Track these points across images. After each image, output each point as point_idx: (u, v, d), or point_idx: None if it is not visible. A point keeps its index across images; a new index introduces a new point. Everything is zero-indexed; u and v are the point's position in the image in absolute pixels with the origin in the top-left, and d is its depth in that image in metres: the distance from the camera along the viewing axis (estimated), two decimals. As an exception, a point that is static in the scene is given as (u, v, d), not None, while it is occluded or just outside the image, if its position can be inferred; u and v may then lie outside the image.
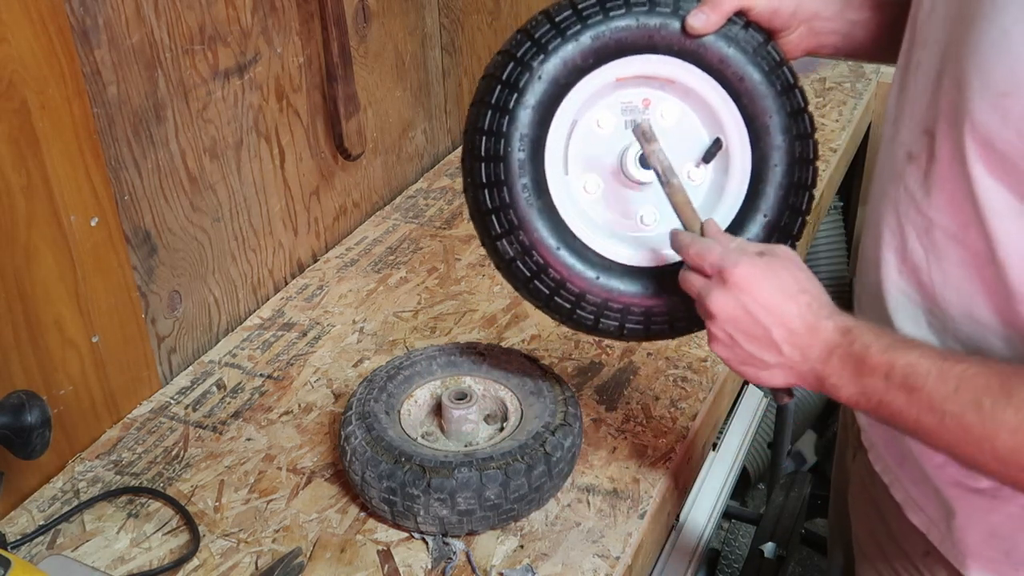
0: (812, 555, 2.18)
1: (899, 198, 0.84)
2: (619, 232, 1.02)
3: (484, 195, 0.96)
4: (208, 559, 1.02)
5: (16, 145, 1.02)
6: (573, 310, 0.99)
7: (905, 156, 0.84)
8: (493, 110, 0.96)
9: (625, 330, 1.00)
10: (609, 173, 1.00)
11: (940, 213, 0.80)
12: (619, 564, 1.00)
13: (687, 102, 0.99)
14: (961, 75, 0.73)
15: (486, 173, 0.96)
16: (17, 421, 0.89)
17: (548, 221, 0.97)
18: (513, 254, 0.97)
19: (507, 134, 0.96)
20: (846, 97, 2.10)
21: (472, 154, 0.98)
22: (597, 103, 0.99)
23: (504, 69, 0.95)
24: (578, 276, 0.98)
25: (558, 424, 1.05)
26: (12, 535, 1.06)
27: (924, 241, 0.82)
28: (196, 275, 1.33)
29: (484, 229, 0.98)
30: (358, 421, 1.05)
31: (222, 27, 1.29)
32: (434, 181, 1.82)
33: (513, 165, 0.96)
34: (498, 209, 0.96)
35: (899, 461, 0.96)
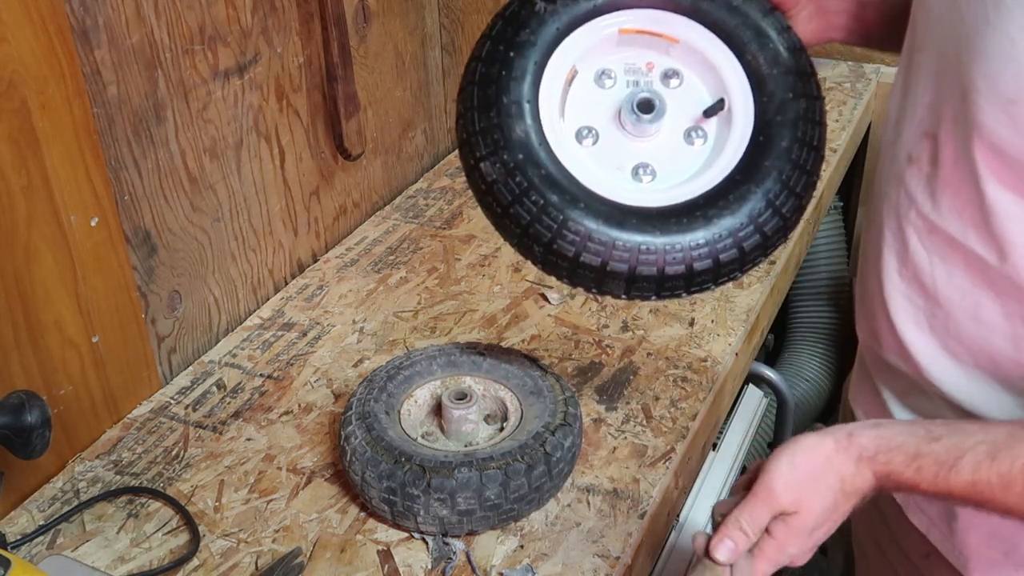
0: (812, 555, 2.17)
1: (900, 200, 0.84)
2: (610, 177, 0.96)
3: (473, 117, 0.95)
4: (208, 559, 1.02)
5: (16, 145, 1.02)
6: (554, 239, 0.91)
7: (906, 158, 0.84)
8: (493, 41, 0.96)
9: (606, 278, 0.92)
10: (607, 123, 0.98)
11: (943, 215, 0.80)
12: (619, 564, 1.00)
13: (691, 65, 0.97)
14: (967, 82, 0.73)
15: (478, 96, 0.95)
16: (17, 421, 0.89)
17: (534, 144, 0.93)
18: (496, 176, 0.92)
19: (504, 61, 0.95)
20: (846, 97, 2.10)
21: (468, 79, 0.97)
22: (601, 57, 0.97)
23: (509, 3, 0.95)
24: (559, 199, 0.90)
25: (558, 424, 1.05)
26: (12, 535, 1.06)
27: (926, 243, 0.82)
28: (196, 275, 1.33)
29: (470, 151, 0.95)
30: (358, 421, 1.05)
31: (222, 27, 1.29)
32: (434, 181, 1.82)
33: (507, 88, 0.94)
34: (485, 130, 0.93)
35: None
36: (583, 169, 0.94)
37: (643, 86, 0.98)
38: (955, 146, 0.76)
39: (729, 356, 1.31)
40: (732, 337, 1.35)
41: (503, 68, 0.95)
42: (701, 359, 1.30)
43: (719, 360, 1.30)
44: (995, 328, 0.79)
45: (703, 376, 1.27)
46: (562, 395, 1.10)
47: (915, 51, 0.84)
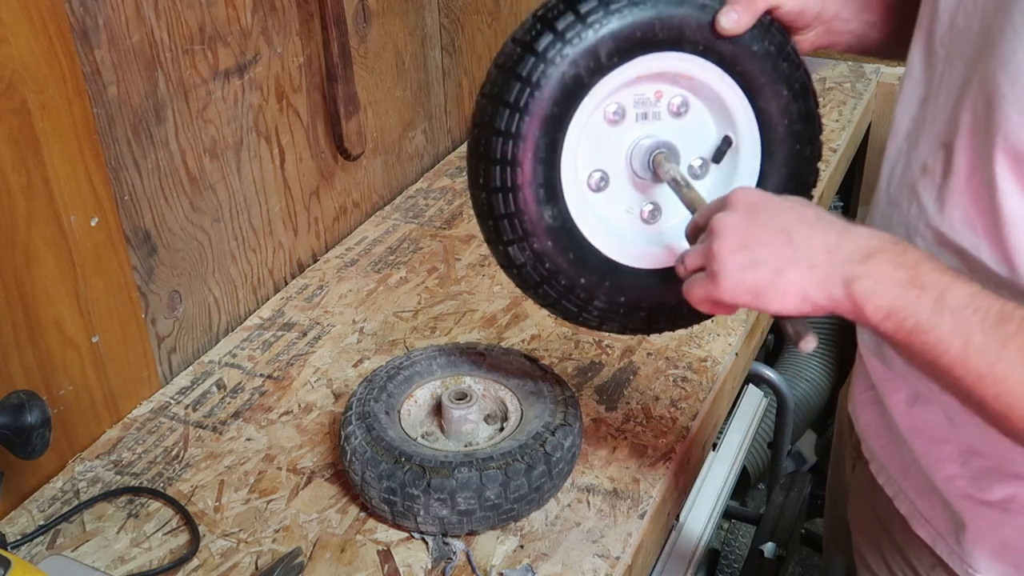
0: (812, 555, 2.18)
1: (911, 211, 0.83)
2: (626, 228, 1.00)
3: (497, 199, 0.93)
4: (208, 559, 1.02)
5: (16, 145, 1.02)
6: (579, 313, 0.99)
7: (921, 168, 0.82)
8: (510, 108, 0.90)
9: (628, 327, 1.00)
10: (618, 168, 0.98)
11: (954, 228, 0.79)
12: (619, 564, 1.00)
13: (699, 96, 0.97)
14: (991, 88, 0.72)
15: (499, 177, 0.92)
16: (17, 421, 0.89)
17: (561, 228, 0.94)
18: (524, 260, 0.95)
19: (523, 136, 0.90)
20: (846, 97, 2.10)
21: (482, 155, 0.93)
22: (610, 97, 0.95)
23: (521, 63, 0.89)
24: (587, 281, 0.96)
25: (558, 424, 1.05)
26: (12, 535, 1.06)
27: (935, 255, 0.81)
28: (196, 275, 1.33)
29: (495, 233, 0.95)
30: (358, 421, 1.05)
31: (222, 27, 1.29)
32: (434, 181, 1.82)
33: (528, 171, 0.92)
34: (511, 215, 0.93)
35: (903, 473, 0.95)
36: (600, 228, 0.97)
37: (651, 118, 0.97)
38: (972, 156, 0.75)
39: (729, 356, 1.31)
40: (732, 337, 1.35)
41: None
42: (701, 359, 1.30)
43: (719, 360, 1.30)
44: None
45: (703, 376, 1.27)
46: (562, 395, 1.10)
47: (935, 62, 0.83)
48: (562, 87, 0.90)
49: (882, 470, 0.98)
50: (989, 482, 0.85)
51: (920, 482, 0.92)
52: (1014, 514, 0.85)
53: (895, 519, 0.97)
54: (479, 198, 0.95)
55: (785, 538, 1.62)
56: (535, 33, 0.89)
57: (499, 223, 0.94)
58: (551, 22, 0.88)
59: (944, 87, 0.81)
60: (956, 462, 0.87)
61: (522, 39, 0.90)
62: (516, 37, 0.91)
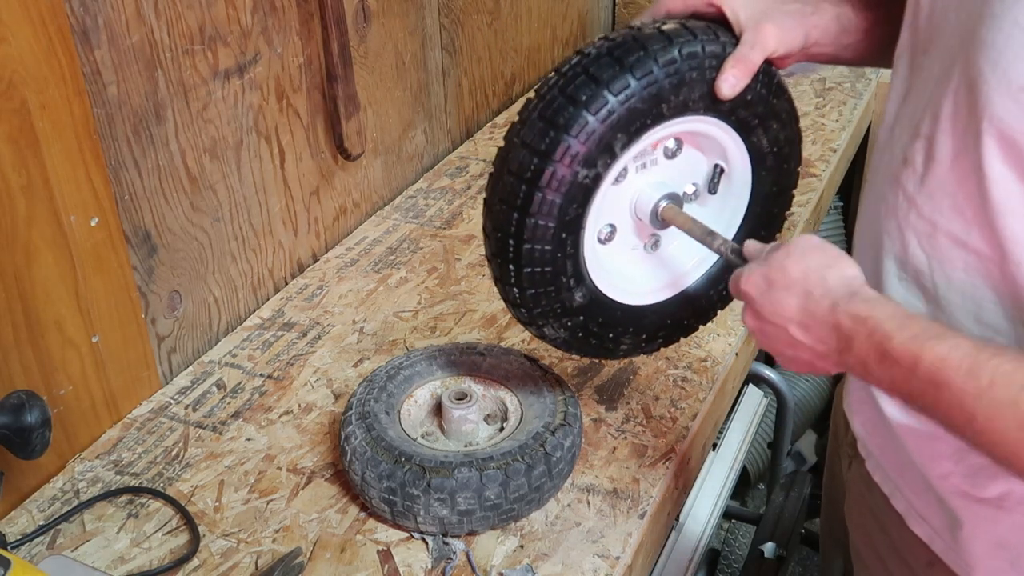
0: (812, 555, 2.18)
1: (898, 203, 0.84)
2: (636, 269, 1.04)
3: (527, 295, 0.94)
4: (208, 559, 1.02)
5: (16, 145, 1.02)
6: (607, 355, 1.07)
7: (901, 160, 0.83)
8: (533, 217, 0.89)
9: (648, 351, 1.09)
10: (624, 218, 1.01)
11: (943, 216, 0.79)
12: (619, 564, 1.00)
13: (693, 139, 1.00)
14: (973, 74, 0.72)
15: (530, 279, 0.93)
16: (17, 421, 0.89)
17: (590, 301, 0.98)
18: (557, 335, 1.00)
19: (551, 240, 0.91)
20: (846, 97, 2.10)
21: (512, 259, 0.92)
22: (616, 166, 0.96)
23: (540, 174, 0.88)
24: (615, 333, 1.03)
25: (558, 424, 1.05)
26: (12, 535, 1.06)
27: (926, 246, 0.82)
28: (196, 275, 1.33)
29: (527, 320, 0.99)
30: (358, 421, 1.05)
31: (222, 27, 1.29)
32: (434, 181, 1.82)
33: (559, 267, 0.93)
34: (545, 308, 0.96)
35: (899, 471, 0.95)
36: (617, 280, 1.01)
37: (649, 166, 0.99)
38: (956, 143, 0.76)
39: (729, 356, 1.31)
40: (732, 337, 1.35)
41: (557, 250, 0.92)
42: (701, 359, 1.30)
43: (719, 360, 1.30)
44: (999, 330, 0.79)
45: (703, 376, 1.27)
46: (562, 395, 1.10)
47: (917, 54, 0.84)
48: (581, 189, 0.89)
49: (878, 468, 0.98)
50: (983, 479, 0.85)
51: (916, 480, 0.92)
52: (1008, 511, 0.85)
53: (891, 517, 0.97)
54: (510, 292, 0.96)
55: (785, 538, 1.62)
56: (549, 140, 0.87)
57: (532, 312, 0.97)
58: (564, 127, 0.87)
59: (923, 78, 0.82)
60: (950, 460, 0.87)
61: (534, 145, 0.88)
62: (527, 142, 0.89)
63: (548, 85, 0.90)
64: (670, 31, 0.89)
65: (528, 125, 0.89)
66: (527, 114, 0.90)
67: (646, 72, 0.86)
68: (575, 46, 2.43)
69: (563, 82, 0.88)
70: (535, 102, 0.90)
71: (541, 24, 2.22)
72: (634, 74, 0.86)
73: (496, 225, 0.92)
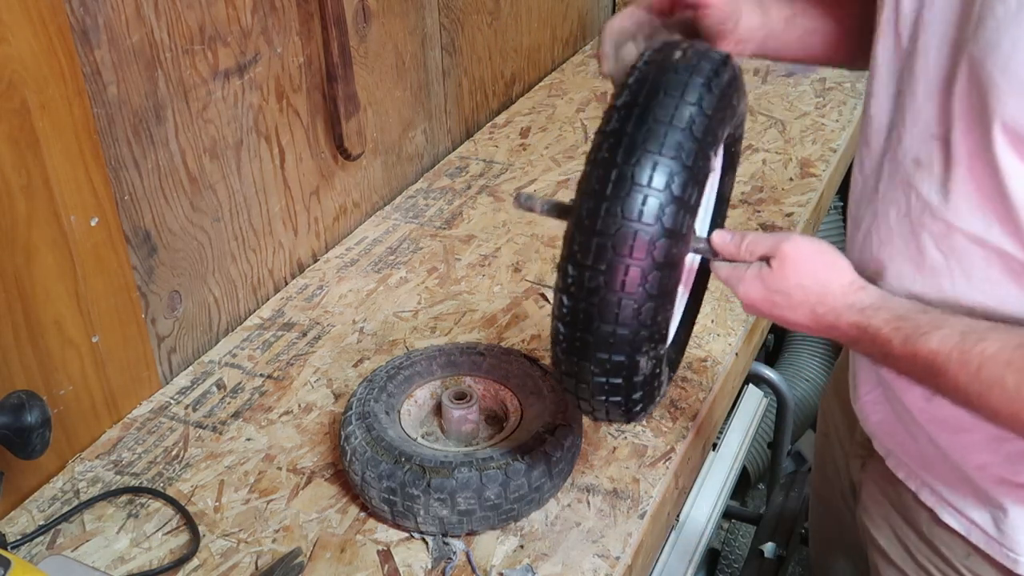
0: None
1: (911, 207, 0.84)
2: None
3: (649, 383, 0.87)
4: (208, 559, 1.02)
5: (16, 145, 1.02)
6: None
7: (913, 163, 0.83)
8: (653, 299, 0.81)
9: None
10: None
11: (961, 216, 0.80)
12: (619, 564, 1.00)
13: None
14: (982, 77, 0.73)
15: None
16: (17, 421, 0.89)
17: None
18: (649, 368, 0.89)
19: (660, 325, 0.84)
20: (846, 97, 2.10)
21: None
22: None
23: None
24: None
25: (558, 424, 1.05)
26: (12, 535, 1.06)
27: (943, 247, 0.82)
28: (196, 275, 1.33)
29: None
30: (358, 421, 1.05)
31: (222, 27, 1.29)
32: (434, 181, 1.82)
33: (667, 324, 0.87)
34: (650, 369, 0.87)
35: (925, 466, 0.95)
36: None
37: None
38: (972, 144, 0.77)
39: (729, 356, 1.31)
40: (732, 337, 1.35)
41: (664, 309, 0.82)
42: (701, 359, 1.30)
43: (719, 360, 1.30)
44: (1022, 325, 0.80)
45: (703, 376, 1.27)
46: (562, 395, 1.10)
47: (907, 56, 0.84)
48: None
49: (901, 465, 0.98)
50: (1021, 465, 0.86)
51: (947, 473, 0.92)
52: None
53: (920, 511, 0.97)
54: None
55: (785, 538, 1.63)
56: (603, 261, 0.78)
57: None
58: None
59: (921, 80, 0.82)
60: (986, 450, 0.88)
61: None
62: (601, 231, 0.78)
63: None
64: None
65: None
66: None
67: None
68: (575, 46, 2.43)
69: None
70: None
71: (541, 24, 2.22)
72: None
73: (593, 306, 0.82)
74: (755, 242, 0.87)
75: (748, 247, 0.87)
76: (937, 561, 0.98)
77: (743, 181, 1.76)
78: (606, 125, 0.79)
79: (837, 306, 0.83)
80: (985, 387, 0.73)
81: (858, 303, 0.82)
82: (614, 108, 0.80)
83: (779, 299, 0.85)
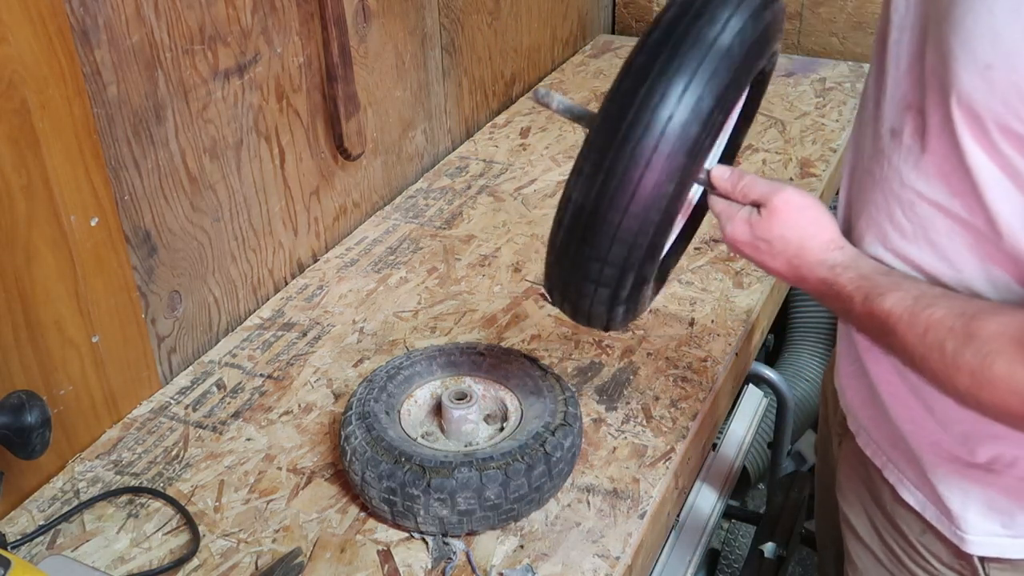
0: (812, 555, 2.18)
1: (885, 175, 0.86)
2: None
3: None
4: (208, 559, 1.02)
5: (16, 145, 1.02)
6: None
7: (889, 132, 0.86)
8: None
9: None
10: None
11: (928, 185, 0.82)
12: (619, 564, 1.00)
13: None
14: (946, 50, 0.75)
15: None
16: (17, 421, 0.89)
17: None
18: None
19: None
20: (846, 97, 2.11)
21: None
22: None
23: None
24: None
25: (558, 424, 1.05)
26: (12, 535, 1.06)
27: (910, 215, 0.84)
28: (196, 275, 1.33)
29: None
30: (358, 421, 1.05)
31: (222, 27, 1.29)
32: (434, 181, 1.82)
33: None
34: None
35: (891, 442, 0.97)
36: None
37: None
38: (938, 116, 0.79)
39: (729, 356, 1.31)
40: (732, 337, 1.35)
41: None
42: (701, 359, 1.30)
43: (719, 360, 1.30)
44: (982, 295, 0.82)
45: (703, 376, 1.27)
46: (562, 395, 1.10)
47: (890, 29, 0.86)
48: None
49: (870, 442, 1.00)
50: (973, 444, 0.88)
51: (906, 450, 0.94)
52: (999, 474, 0.87)
53: (884, 489, 0.99)
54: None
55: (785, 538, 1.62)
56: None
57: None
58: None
59: (902, 54, 0.84)
60: (939, 427, 0.90)
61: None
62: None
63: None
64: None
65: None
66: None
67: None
68: (575, 46, 2.43)
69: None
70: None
71: (541, 24, 2.22)
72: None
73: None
74: (750, 185, 0.90)
75: (743, 188, 0.90)
76: (897, 537, 1.00)
77: (743, 181, 1.76)
78: (648, 37, 0.80)
79: (811, 260, 0.87)
80: (927, 350, 0.76)
81: (830, 260, 0.86)
82: (659, 22, 0.81)
83: (762, 245, 0.89)
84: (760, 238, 0.89)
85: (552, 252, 0.88)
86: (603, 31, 2.60)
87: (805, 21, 2.42)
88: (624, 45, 2.46)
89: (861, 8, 2.34)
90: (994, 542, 0.90)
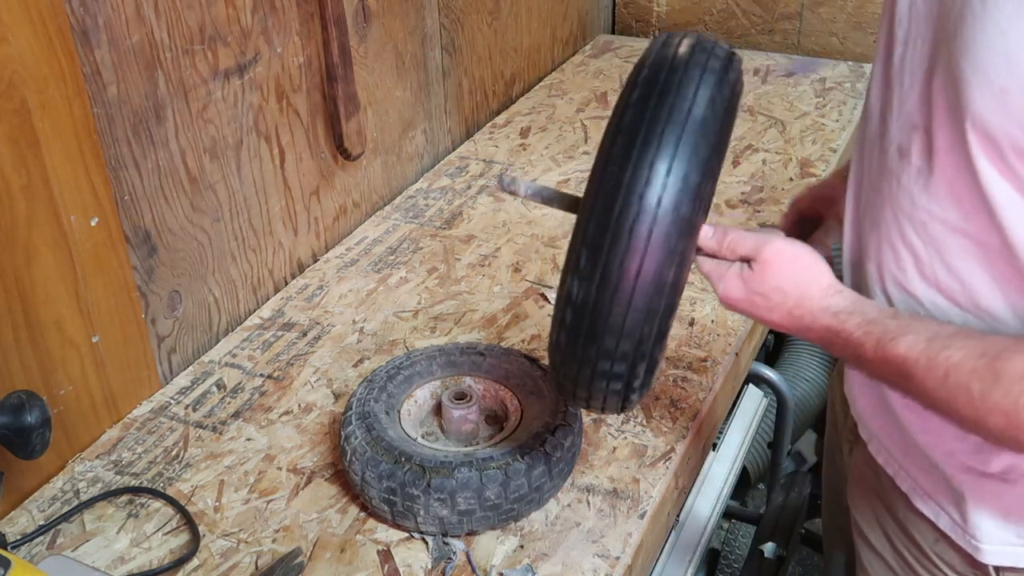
0: (812, 555, 2.18)
1: (895, 194, 0.85)
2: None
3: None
4: (208, 559, 1.02)
5: (16, 145, 1.02)
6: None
7: (896, 151, 0.85)
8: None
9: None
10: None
11: (939, 206, 0.81)
12: (619, 564, 1.00)
13: None
14: (957, 72, 0.74)
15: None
16: (17, 421, 0.89)
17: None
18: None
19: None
20: (846, 97, 2.10)
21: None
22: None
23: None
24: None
25: (558, 424, 1.05)
26: (12, 535, 1.06)
27: (923, 235, 0.84)
28: (196, 275, 1.33)
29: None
30: (358, 421, 1.05)
31: (222, 27, 1.29)
32: (434, 181, 1.82)
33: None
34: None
35: (903, 450, 0.96)
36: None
37: None
38: (949, 136, 0.78)
39: (729, 356, 1.31)
40: (732, 337, 1.35)
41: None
42: (701, 359, 1.30)
43: (719, 360, 1.30)
44: (996, 315, 0.81)
45: (703, 376, 1.27)
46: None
47: (895, 45, 0.86)
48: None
49: (882, 450, 1.00)
50: (988, 454, 0.87)
51: (920, 459, 0.94)
52: (1013, 483, 0.87)
53: (897, 497, 0.99)
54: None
55: (785, 538, 1.62)
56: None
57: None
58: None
59: (907, 70, 0.83)
60: (954, 437, 0.89)
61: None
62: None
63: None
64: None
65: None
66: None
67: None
68: (575, 46, 2.43)
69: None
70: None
71: (541, 24, 2.22)
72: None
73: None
74: (736, 240, 0.89)
75: (730, 245, 0.89)
76: (910, 546, 0.99)
77: (743, 181, 1.76)
78: (621, 119, 0.79)
79: (814, 309, 0.85)
80: (951, 393, 0.75)
81: (833, 306, 0.85)
82: (627, 104, 0.80)
83: (758, 300, 0.88)
84: (756, 292, 0.88)
85: (557, 352, 0.85)
86: (603, 31, 2.60)
87: (805, 21, 2.42)
88: (624, 45, 2.46)
89: (861, 8, 2.34)
90: (1009, 551, 0.90)
